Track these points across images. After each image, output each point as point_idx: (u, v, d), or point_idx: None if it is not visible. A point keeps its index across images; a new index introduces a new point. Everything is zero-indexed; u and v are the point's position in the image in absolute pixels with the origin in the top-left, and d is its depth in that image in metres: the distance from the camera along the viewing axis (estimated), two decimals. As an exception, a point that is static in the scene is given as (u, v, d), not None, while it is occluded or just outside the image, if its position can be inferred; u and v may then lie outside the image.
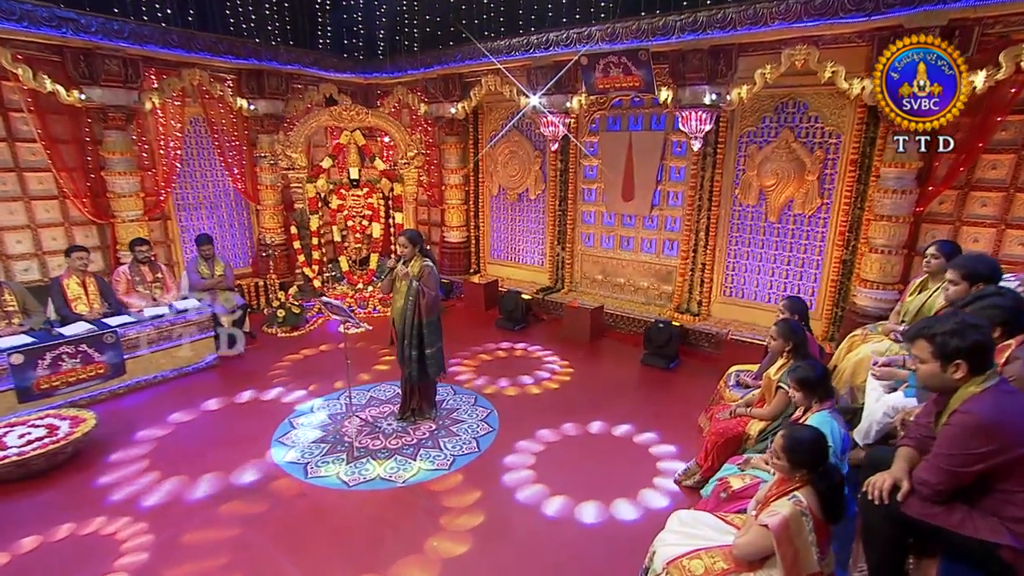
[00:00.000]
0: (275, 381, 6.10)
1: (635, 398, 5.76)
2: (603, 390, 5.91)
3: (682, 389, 5.99)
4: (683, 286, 7.40)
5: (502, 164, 8.87)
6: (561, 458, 4.66)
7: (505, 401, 5.65)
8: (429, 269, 4.77)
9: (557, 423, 5.19)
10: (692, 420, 5.19)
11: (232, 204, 8.67)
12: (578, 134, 8.03)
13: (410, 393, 5.22)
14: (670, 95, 6.56)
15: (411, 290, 4.78)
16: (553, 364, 6.60)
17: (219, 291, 6.89)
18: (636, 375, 6.32)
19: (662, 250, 7.60)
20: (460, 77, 8.43)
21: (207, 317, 6.43)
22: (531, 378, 6.19)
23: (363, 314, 8.30)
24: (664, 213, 7.48)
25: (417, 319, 4.82)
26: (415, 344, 4.88)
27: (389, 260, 4.86)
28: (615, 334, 7.54)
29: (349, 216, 8.51)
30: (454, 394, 5.82)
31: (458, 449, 4.83)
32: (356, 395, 5.78)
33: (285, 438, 5.01)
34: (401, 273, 4.78)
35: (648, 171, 7.42)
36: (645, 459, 4.63)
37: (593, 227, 8.19)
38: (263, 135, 8.38)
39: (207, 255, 6.90)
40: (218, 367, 6.48)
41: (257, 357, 6.79)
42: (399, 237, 4.86)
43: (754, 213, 6.74)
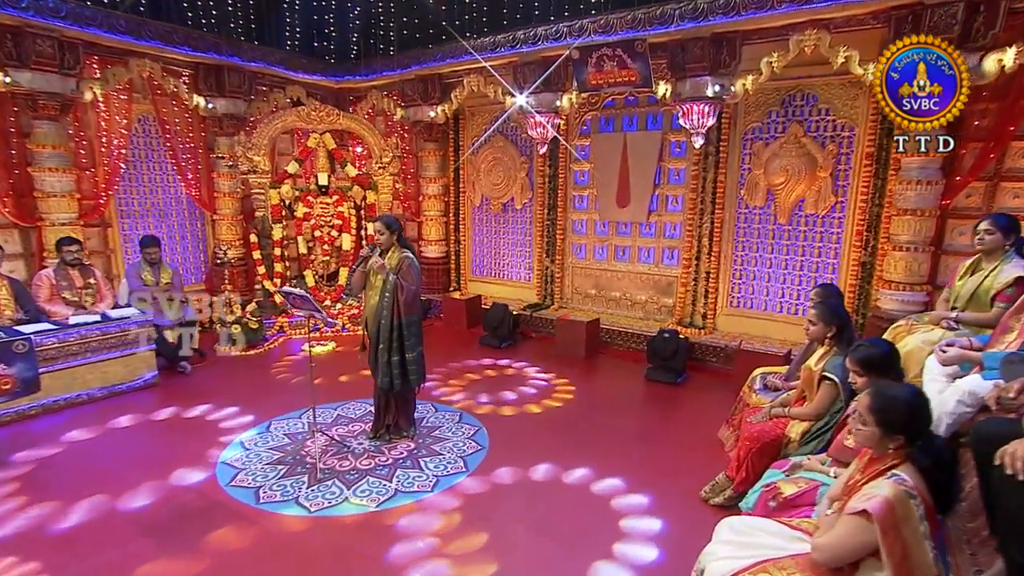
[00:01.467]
0: (224, 400, 5.51)
1: (646, 414, 5.37)
2: (609, 407, 5.49)
3: (694, 403, 5.57)
4: (685, 298, 7.08)
5: (485, 172, 8.60)
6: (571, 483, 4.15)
7: (499, 421, 5.15)
8: (409, 261, 4.36)
9: (561, 442, 4.71)
10: (711, 434, 4.76)
11: (184, 213, 8.17)
12: (568, 137, 7.80)
13: (385, 407, 4.69)
14: (669, 89, 6.36)
15: (388, 285, 4.33)
16: (547, 382, 6.12)
17: (164, 301, 6.30)
18: (642, 391, 5.89)
19: (661, 259, 7.31)
20: (440, 78, 8.21)
21: (148, 329, 5.83)
22: (520, 395, 5.70)
23: (331, 333, 7.75)
24: (663, 219, 7.22)
25: (396, 319, 4.36)
26: (394, 348, 4.40)
27: (364, 250, 4.39)
28: (612, 351, 7.17)
29: (316, 226, 8.05)
30: (435, 411, 5.31)
31: (442, 469, 4.28)
32: (321, 414, 5.20)
33: (234, 460, 4.40)
34: (376, 265, 4.32)
35: (645, 174, 7.19)
36: (666, 471, 4.14)
37: (585, 237, 7.91)
38: (222, 137, 7.93)
39: (152, 259, 6.32)
40: (158, 386, 5.85)
41: (205, 376, 6.20)
42: (374, 223, 4.44)
43: (762, 215, 6.49)
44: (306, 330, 7.55)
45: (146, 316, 5.86)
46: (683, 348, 6.15)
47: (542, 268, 8.29)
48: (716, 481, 3.84)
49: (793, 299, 6.43)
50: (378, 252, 4.45)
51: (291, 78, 8.60)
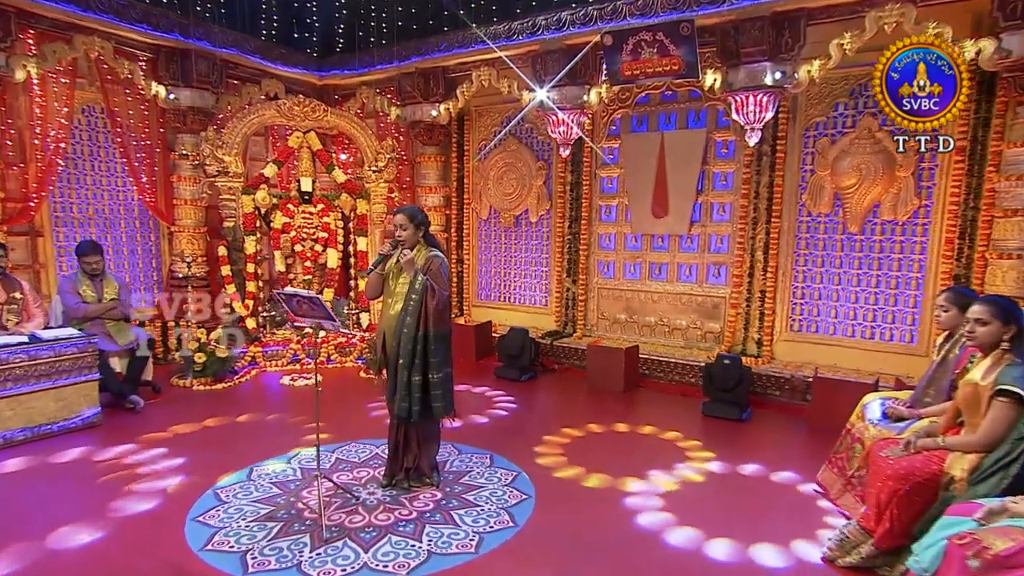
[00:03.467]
0: (185, 443, 4.86)
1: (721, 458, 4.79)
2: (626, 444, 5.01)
3: (771, 443, 5.07)
4: (736, 322, 6.68)
5: (495, 180, 8.22)
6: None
7: (540, 463, 4.57)
8: (439, 261, 3.91)
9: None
10: (805, 479, 4.24)
11: (135, 223, 7.49)
12: (594, 139, 7.45)
13: (403, 446, 4.09)
14: (718, 79, 6.06)
15: (415, 288, 3.81)
16: (581, 419, 5.55)
17: (109, 322, 5.65)
18: (704, 429, 5.37)
19: (705, 277, 6.94)
20: (444, 72, 7.85)
21: (89, 355, 5.14)
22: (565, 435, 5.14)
23: (313, 365, 7.08)
24: (707, 231, 6.88)
25: (422, 330, 3.83)
26: (416, 367, 3.85)
27: (383, 245, 3.87)
28: (652, 383, 6.72)
29: (297, 239, 7.51)
30: (459, 453, 4.71)
31: (484, 524, 3.66)
32: (313, 456, 4.55)
33: (208, 517, 3.71)
34: (405, 260, 3.80)
35: (686, 179, 6.86)
36: (766, 528, 3.58)
37: (613, 253, 7.53)
38: (185, 135, 7.37)
39: (94, 270, 5.65)
40: (100, 426, 5.15)
41: (161, 413, 5.52)
42: (395, 215, 3.95)
43: (828, 223, 6.16)
44: (283, 362, 6.96)
45: (88, 337, 5.17)
46: (747, 377, 5.67)
47: (562, 290, 7.85)
48: (844, 536, 3.28)
49: (868, 321, 6.02)
50: (400, 250, 3.95)
51: (268, 70, 8.17)
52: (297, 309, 3.74)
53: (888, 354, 5.87)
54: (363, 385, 6.56)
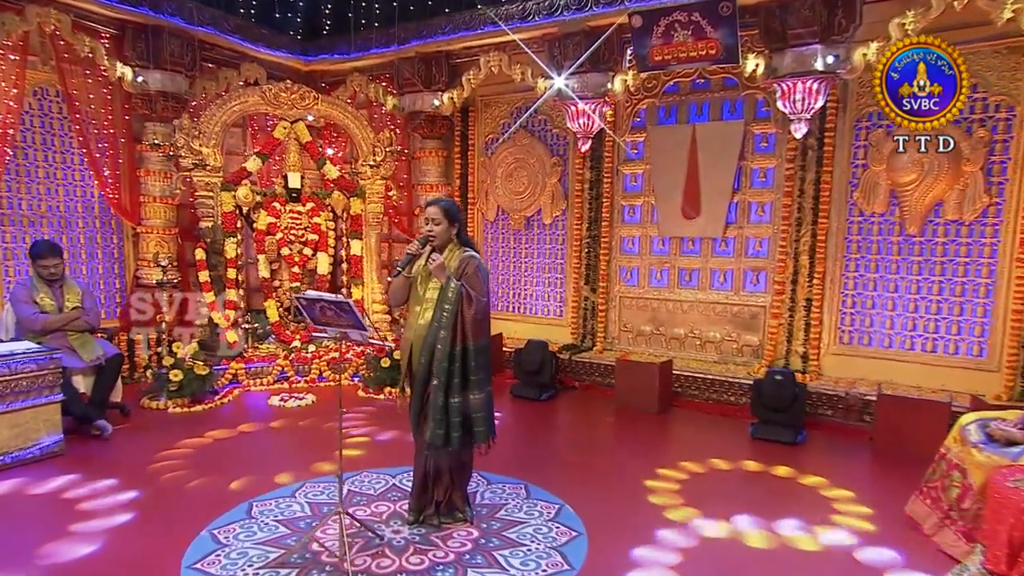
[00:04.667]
0: (166, 475, 4.48)
1: (788, 488, 4.54)
2: (729, 479, 4.68)
3: (837, 471, 4.79)
4: (778, 334, 6.48)
5: (504, 178, 8.01)
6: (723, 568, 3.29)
7: (584, 494, 4.28)
8: (476, 263, 3.63)
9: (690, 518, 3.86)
10: (891, 512, 4.00)
11: (95, 222, 7.16)
12: (617, 131, 7.25)
13: (434, 477, 3.77)
14: (760, 64, 5.90)
15: (448, 295, 3.52)
16: (618, 444, 5.28)
17: (71, 333, 5.24)
18: (755, 455, 5.09)
19: (743, 285, 6.75)
20: (448, 57, 7.64)
21: (51, 372, 4.73)
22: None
23: (303, 384, 6.74)
24: (744, 233, 6.70)
25: (458, 343, 3.54)
26: (454, 387, 3.55)
27: (412, 244, 3.60)
28: (687, 402, 6.50)
29: (284, 241, 7.17)
30: (488, 483, 4.41)
31: (535, 567, 3.35)
32: (320, 490, 4.24)
33: (207, 563, 3.34)
34: (434, 265, 3.52)
35: (720, 176, 6.69)
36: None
37: (638, 258, 7.33)
38: (154, 123, 7.05)
39: (51, 275, 5.23)
40: (63, 456, 4.73)
41: (132, 441, 5.13)
42: (426, 207, 3.69)
43: (883, 224, 5.99)
44: (270, 379, 6.62)
45: (50, 352, 4.77)
46: (802, 395, 5.44)
47: (579, 299, 7.60)
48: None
49: (929, 331, 5.84)
50: (430, 250, 3.66)
51: (249, 52, 7.86)
52: (319, 316, 3.42)
53: (953, 369, 5.67)
54: (354, 403, 6.22)
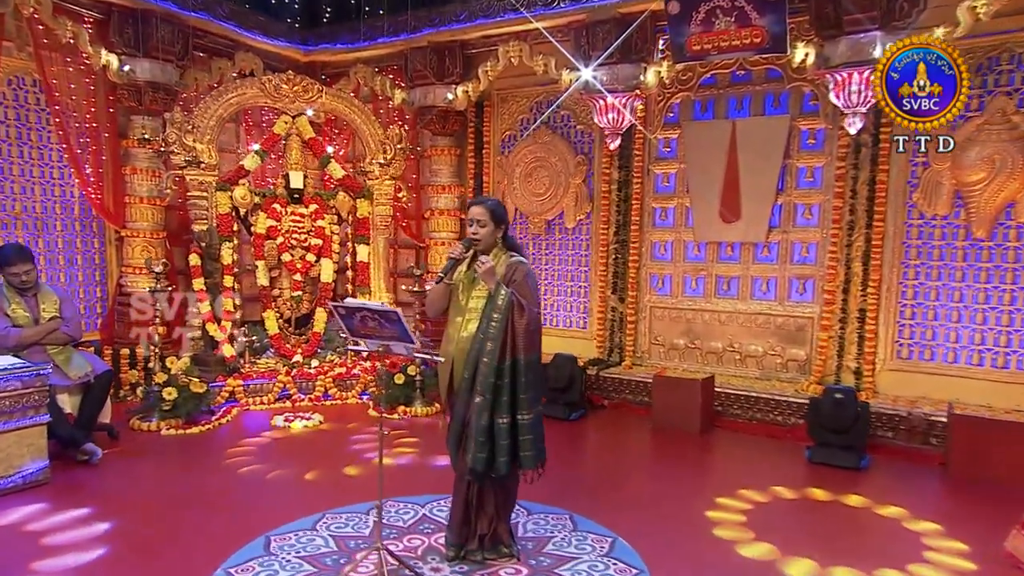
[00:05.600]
0: (166, 506, 4.26)
1: (867, 521, 4.33)
2: (796, 508, 4.49)
3: (908, 500, 4.58)
4: (828, 347, 6.35)
5: (522, 178, 7.92)
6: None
7: (637, 525, 4.05)
8: (525, 269, 3.48)
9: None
10: (984, 550, 3.81)
11: (75, 225, 7.02)
12: (648, 127, 7.11)
13: (477, 507, 3.56)
14: (811, 54, 5.79)
15: (497, 304, 3.36)
16: (664, 469, 5.09)
17: (51, 348, 4.98)
18: (817, 482, 4.89)
19: (787, 294, 6.63)
20: (463, 47, 7.56)
21: (36, 391, 4.45)
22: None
23: (307, 402, 6.52)
24: (789, 237, 6.59)
25: (507, 357, 3.36)
26: (501, 405, 3.36)
27: (455, 248, 3.47)
28: (729, 422, 6.37)
29: (285, 246, 6.95)
30: (529, 514, 4.20)
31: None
32: (349, 520, 4.00)
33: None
34: (483, 270, 3.35)
35: (763, 176, 6.57)
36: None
37: (671, 265, 7.22)
38: (142, 117, 6.92)
39: (23, 283, 4.92)
40: (48, 485, 4.46)
41: (125, 467, 4.90)
42: (470, 207, 3.54)
43: (946, 228, 5.88)
44: (270, 397, 6.43)
45: (36, 369, 4.52)
46: (865, 415, 5.27)
47: (606, 310, 7.46)
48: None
49: (1000, 346, 5.68)
50: (472, 252, 3.49)
51: (244, 40, 7.71)
52: (359, 328, 3.22)
53: (1028, 386, 5.54)
54: (366, 424, 6.04)
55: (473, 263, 3.46)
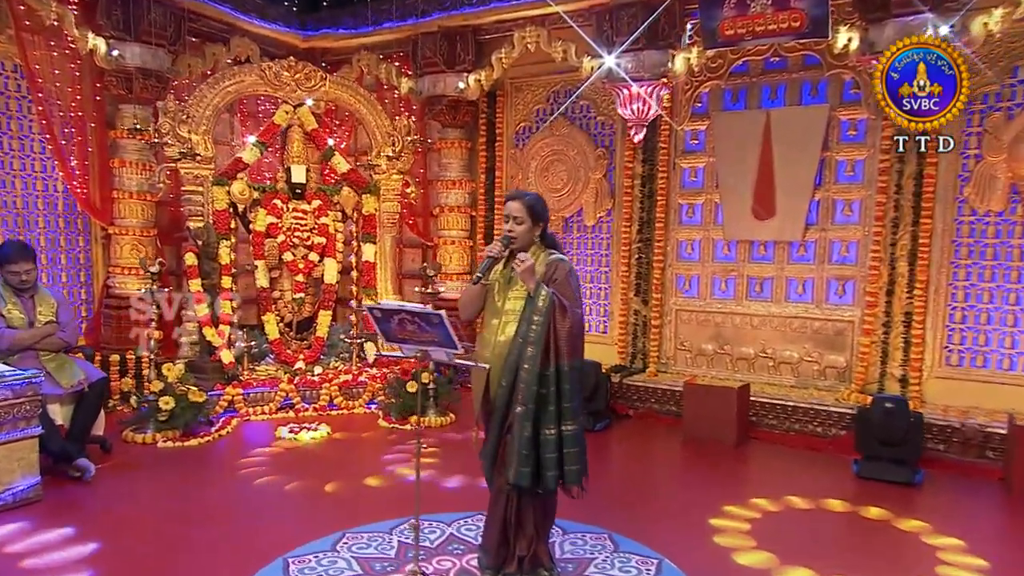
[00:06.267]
0: (172, 527, 4.06)
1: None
2: (845, 527, 4.34)
3: (971, 522, 4.45)
4: (871, 353, 6.20)
5: (538, 172, 7.86)
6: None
7: (682, 545, 3.91)
8: (567, 268, 3.36)
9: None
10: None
11: (58, 221, 6.93)
12: (674, 117, 7.02)
13: (516, 526, 3.39)
14: (854, 39, 5.68)
15: (538, 305, 3.22)
16: (704, 483, 4.94)
17: (45, 354, 4.85)
18: (870, 498, 4.73)
19: (825, 296, 6.53)
20: (475, 32, 7.56)
21: (28, 401, 4.28)
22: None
23: (311, 411, 6.36)
24: (828, 235, 6.49)
25: (552, 363, 3.24)
26: (546, 416, 3.22)
27: (493, 246, 3.34)
28: (765, 433, 6.22)
29: (286, 245, 6.81)
30: (564, 533, 4.04)
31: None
32: (371, 540, 3.84)
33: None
34: (522, 269, 3.21)
35: (799, 170, 6.48)
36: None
37: (698, 266, 7.15)
38: (131, 105, 6.86)
39: (22, 283, 4.80)
40: (40, 503, 4.28)
41: (121, 484, 4.72)
42: (507, 202, 3.40)
43: (1001, 225, 5.76)
44: (272, 407, 6.28)
45: (27, 377, 4.35)
46: (919, 426, 5.13)
47: (628, 313, 7.35)
48: None
49: (1060, 351, 5.58)
50: (508, 249, 3.35)
51: (240, 24, 7.64)
52: (397, 331, 3.07)
53: (1091, 395, 5.42)
54: (383, 437, 5.91)
55: (510, 262, 3.33)
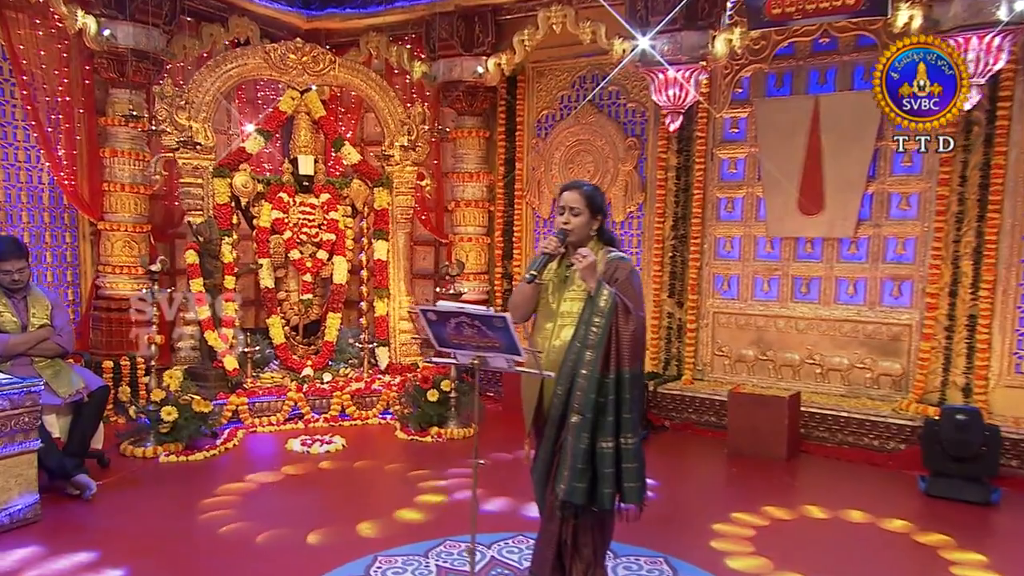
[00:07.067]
0: (187, 552, 4.00)
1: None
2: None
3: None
4: (931, 360, 6.04)
5: (562, 164, 7.76)
6: None
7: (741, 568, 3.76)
8: (629, 268, 3.26)
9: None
10: None
11: (43, 215, 6.85)
12: (712, 104, 6.86)
13: (572, 549, 3.25)
14: (916, 16, 5.47)
15: (599, 306, 3.11)
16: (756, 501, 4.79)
17: (40, 361, 4.75)
18: (940, 520, 4.60)
19: (879, 298, 6.37)
20: (495, 13, 7.38)
21: (27, 412, 4.16)
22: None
23: (322, 422, 6.22)
24: (882, 232, 6.34)
25: (613, 370, 3.11)
26: (604, 427, 3.09)
27: (547, 241, 3.21)
28: (814, 447, 6.12)
29: (293, 242, 6.68)
30: (615, 556, 3.90)
31: None
32: (407, 563, 3.69)
33: None
34: (583, 267, 3.10)
35: (851, 161, 6.33)
36: None
37: (738, 265, 7.02)
38: (123, 90, 6.71)
39: (14, 282, 4.67)
40: (38, 523, 4.15)
41: (124, 505, 4.56)
42: (562, 193, 3.29)
43: (1076, 221, 5.57)
44: (280, 417, 6.24)
45: (26, 385, 4.19)
46: (996, 440, 4.97)
47: (661, 316, 7.24)
48: None
49: None
50: (565, 243, 3.24)
51: (238, 2, 7.46)
52: (452, 336, 2.92)
53: None
54: (401, 449, 5.85)
55: (564, 259, 3.24)
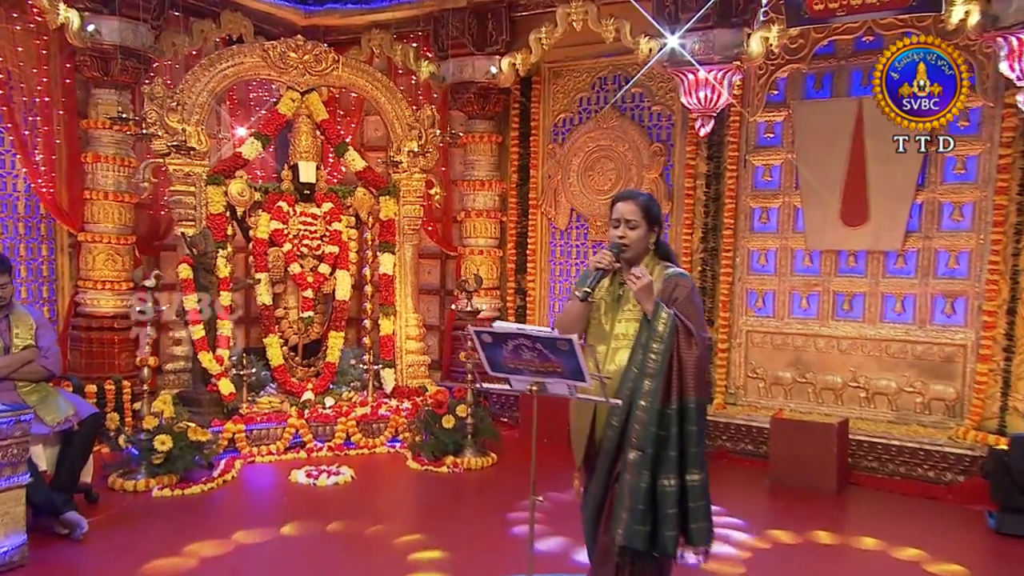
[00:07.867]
0: None
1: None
2: None
3: None
4: (988, 383, 5.94)
5: (581, 171, 7.75)
6: None
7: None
8: (689, 285, 3.25)
9: None
10: None
11: (18, 226, 6.82)
12: (746, 107, 6.82)
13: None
14: (973, 11, 5.38)
15: (657, 330, 3.05)
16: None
17: (24, 386, 4.69)
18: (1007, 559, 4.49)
19: (930, 316, 6.30)
20: (509, 9, 7.37)
21: (16, 443, 4.06)
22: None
23: (325, 450, 6.13)
24: (933, 244, 6.27)
25: (675, 400, 3.07)
26: (666, 462, 3.05)
27: (601, 256, 3.16)
28: (863, 478, 6.04)
29: (293, 255, 6.60)
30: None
31: None
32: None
33: None
34: (637, 285, 3.06)
35: (898, 168, 6.26)
36: None
37: (774, 280, 6.98)
38: (106, 89, 6.71)
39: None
40: (25, 568, 4.02)
41: (118, 546, 4.43)
42: (616, 203, 3.26)
43: None
44: (280, 446, 6.22)
45: (15, 414, 4.06)
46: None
47: (689, 335, 7.11)
48: None
49: None
50: (619, 257, 3.20)
51: None
52: (508, 360, 2.83)
53: None
54: (412, 480, 5.85)
55: (617, 275, 3.20)
